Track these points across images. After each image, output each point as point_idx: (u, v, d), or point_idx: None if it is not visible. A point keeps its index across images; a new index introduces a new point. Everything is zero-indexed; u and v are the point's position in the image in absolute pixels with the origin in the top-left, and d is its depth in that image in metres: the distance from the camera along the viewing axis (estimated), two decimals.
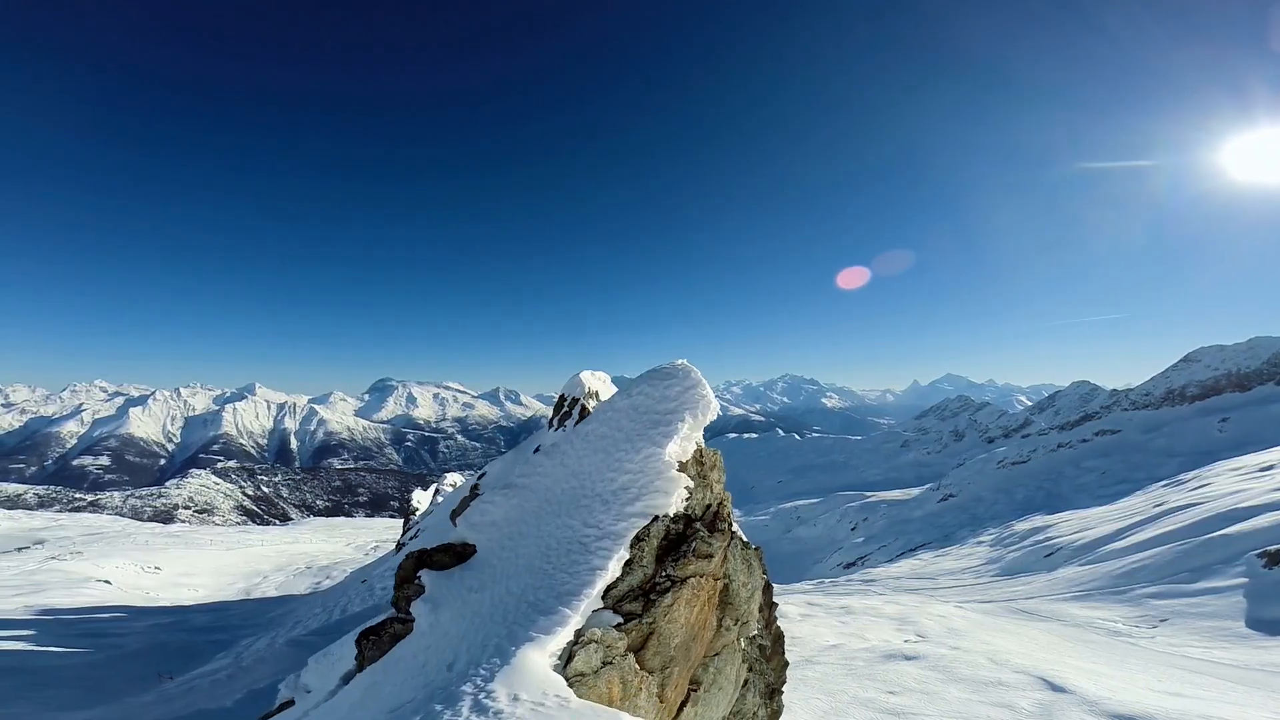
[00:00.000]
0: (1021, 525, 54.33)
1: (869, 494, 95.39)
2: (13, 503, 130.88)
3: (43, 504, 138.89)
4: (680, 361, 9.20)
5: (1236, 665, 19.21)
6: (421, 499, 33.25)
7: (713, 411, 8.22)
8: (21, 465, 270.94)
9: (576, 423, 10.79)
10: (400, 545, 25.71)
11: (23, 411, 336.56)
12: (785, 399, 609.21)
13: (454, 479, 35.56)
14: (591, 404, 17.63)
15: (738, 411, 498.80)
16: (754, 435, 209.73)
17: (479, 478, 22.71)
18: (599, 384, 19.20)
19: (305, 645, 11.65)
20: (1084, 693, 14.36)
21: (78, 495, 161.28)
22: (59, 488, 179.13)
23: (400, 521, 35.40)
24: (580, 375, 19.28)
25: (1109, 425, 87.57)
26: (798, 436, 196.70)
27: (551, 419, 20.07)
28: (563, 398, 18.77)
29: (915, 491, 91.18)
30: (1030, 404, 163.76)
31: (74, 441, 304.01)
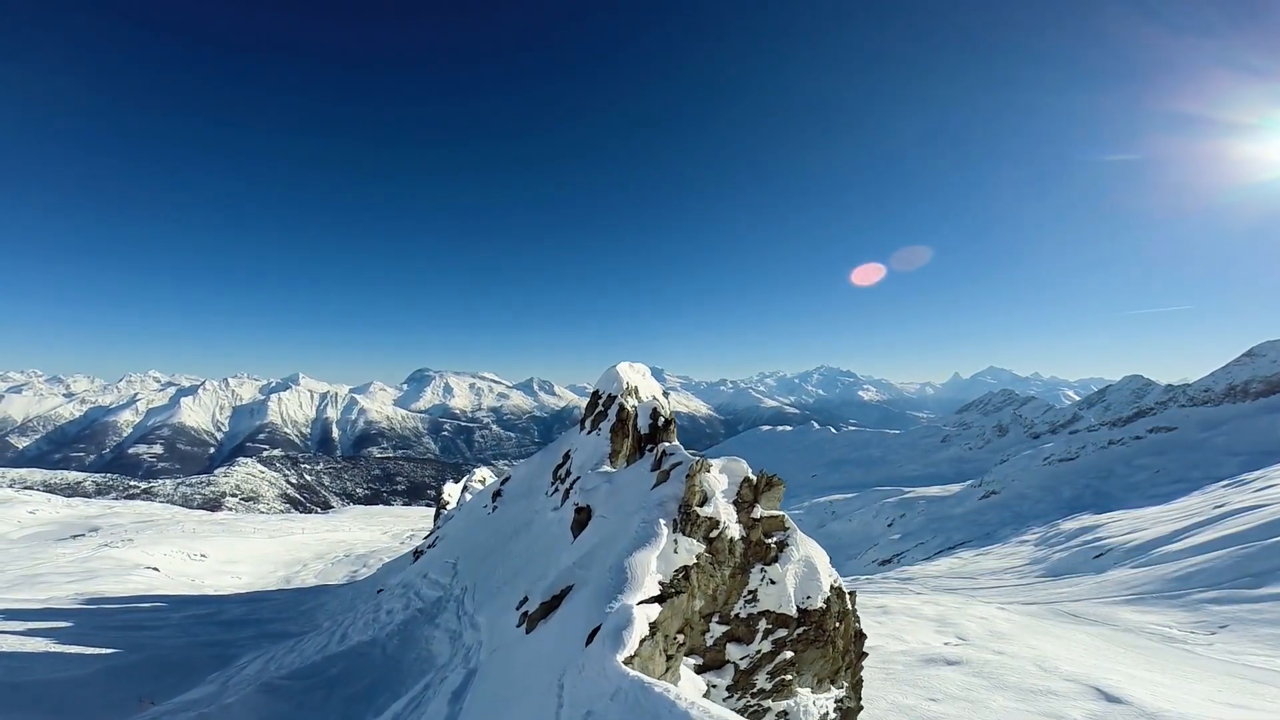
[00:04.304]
0: (1069, 524, 52.42)
1: (907, 490, 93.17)
2: (72, 490, 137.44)
3: (100, 491, 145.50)
4: None
5: None
6: (452, 492, 33.49)
7: None
8: (82, 453, 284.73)
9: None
10: (419, 552, 24.33)
11: (83, 401, 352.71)
12: (821, 391, 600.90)
13: (483, 474, 35.71)
14: (630, 402, 16.03)
15: (771, 404, 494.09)
16: (788, 428, 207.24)
17: (503, 483, 21.34)
18: (638, 378, 18.05)
19: (281, 693, 11.46)
20: (1142, 703, 13.60)
21: (132, 483, 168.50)
22: (115, 475, 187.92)
23: (434, 511, 35.81)
24: (617, 368, 18.18)
25: (1164, 422, 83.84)
26: (833, 430, 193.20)
27: (584, 418, 18.88)
28: (597, 394, 17.57)
29: (955, 488, 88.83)
30: (1079, 399, 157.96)
31: (129, 430, 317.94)
